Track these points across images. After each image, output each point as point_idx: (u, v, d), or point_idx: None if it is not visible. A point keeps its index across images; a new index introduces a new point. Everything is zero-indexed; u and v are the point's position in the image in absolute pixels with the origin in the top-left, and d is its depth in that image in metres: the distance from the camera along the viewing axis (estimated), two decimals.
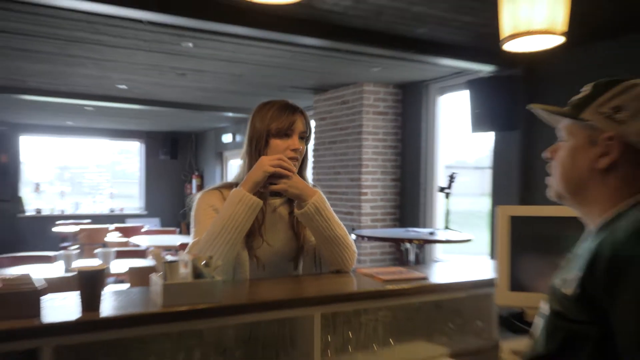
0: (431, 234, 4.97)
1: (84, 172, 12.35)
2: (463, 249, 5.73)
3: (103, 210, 11.91)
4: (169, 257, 1.65)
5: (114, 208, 11.99)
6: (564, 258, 1.22)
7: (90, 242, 8.47)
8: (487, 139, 5.73)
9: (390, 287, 1.84)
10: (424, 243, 5.13)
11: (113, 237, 8.47)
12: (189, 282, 1.53)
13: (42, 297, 1.37)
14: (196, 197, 2.02)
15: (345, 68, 5.87)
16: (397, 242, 5.19)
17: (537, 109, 1.28)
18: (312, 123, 7.85)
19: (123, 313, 1.43)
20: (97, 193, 12.10)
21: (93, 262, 5.05)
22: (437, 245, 6.18)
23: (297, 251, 2.04)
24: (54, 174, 11.97)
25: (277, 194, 1.97)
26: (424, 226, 6.33)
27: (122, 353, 1.48)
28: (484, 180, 6.32)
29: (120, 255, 5.53)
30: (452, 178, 4.99)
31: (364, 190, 6.60)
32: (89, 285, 1.40)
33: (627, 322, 0.93)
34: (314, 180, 4.83)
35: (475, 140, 6.29)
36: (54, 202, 11.35)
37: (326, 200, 1.96)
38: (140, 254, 6.02)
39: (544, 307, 1.17)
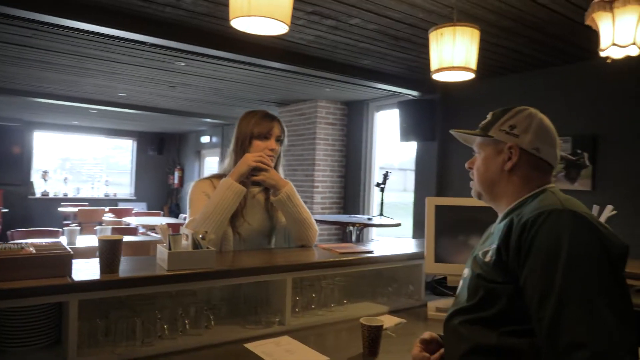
0: (369, 219, 5.05)
1: (83, 164, 11.91)
2: (392, 232, 5.86)
3: (99, 195, 11.51)
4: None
5: (109, 193, 11.61)
6: (475, 237, 1.29)
7: (88, 220, 8.19)
8: (412, 147, 5.85)
9: (345, 258, 1.88)
10: (365, 226, 5.20)
11: (108, 217, 8.23)
12: (190, 251, 1.54)
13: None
14: (191, 185, 2.02)
15: (304, 87, 5.88)
16: (343, 225, 5.25)
17: (457, 133, 1.33)
18: None
19: (138, 275, 1.43)
20: (95, 180, 11.68)
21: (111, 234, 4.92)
22: (373, 228, 6.28)
23: (270, 229, 2.06)
24: (57, 164, 11.49)
25: (257, 183, 1.99)
26: (363, 214, 6.41)
27: (132, 308, 1.47)
28: (406, 179, 6.48)
29: (115, 232, 5.39)
30: (386, 176, 5.08)
31: (316, 184, 6.63)
32: (110, 251, 1.39)
33: (532, 281, 0.98)
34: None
35: (401, 148, 6.39)
36: (59, 187, 10.92)
37: (295, 190, 2.00)
38: (131, 231, 5.88)
39: (466, 273, 1.22)
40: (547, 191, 1.13)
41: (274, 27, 1.66)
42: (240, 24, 1.65)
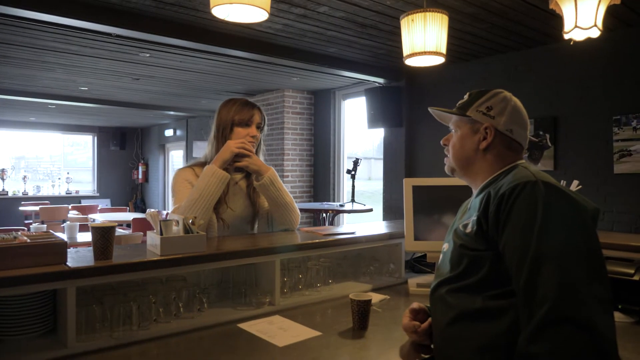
0: (341, 206, 5.13)
1: (39, 162, 11.54)
2: (362, 218, 5.96)
3: (61, 192, 11.19)
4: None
5: (71, 190, 11.30)
6: (451, 215, 1.37)
7: (51, 219, 7.98)
8: (377, 135, 5.95)
9: (330, 238, 1.95)
10: (338, 213, 5.28)
11: (73, 214, 8.03)
12: (182, 235, 1.57)
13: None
14: (173, 174, 2.04)
15: (271, 77, 5.89)
16: (317, 212, 5.32)
17: (434, 110, 1.40)
18: None
19: (132, 260, 1.45)
20: (55, 178, 11.33)
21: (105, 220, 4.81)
22: (344, 214, 6.37)
23: (253, 215, 2.10)
24: (12, 162, 11.07)
25: (239, 169, 2.03)
26: (334, 201, 6.50)
27: (125, 294, 1.50)
28: (370, 168, 6.59)
29: (84, 228, 5.30)
30: (356, 163, 5.17)
31: (286, 174, 6.67)
32: (103, 238, 1.40)
33: (510, 247, 1.07)
34: None
35: (366, 136, 6.52)
36: (17, 186, 10.55)
37: (277, 175, 2.05)
38: None
39: (446, 247, 1.30)
40: (520, 166, 1.23)
41: (254, 14, 1.69)
42: (221, 11, 1.68)
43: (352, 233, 2.07)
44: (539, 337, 0.96)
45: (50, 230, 1.49)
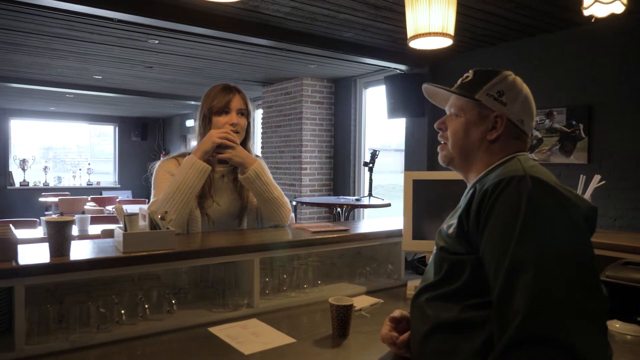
0: (357, 200, 5.04)
1: (67, 152, 11.84)
2: (384, 213, 5.84)
3: (82, 183, 11.46)
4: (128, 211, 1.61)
5: (92, 182, 11.55)
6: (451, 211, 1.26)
7: (69, 210, 8.17)
8: (401, 124, 5.81)
9: (317, 236, 1.86)
10: (353, 207, 5.19)
11: (90, 206, 8.20)
12: (146, 231, 1.51)
13: (18, 245, 1.33)
14: (155, 164, 1.98)
15: (287, 64, 5.81)
16: (330, 206, 5.24)
17: (430, 86, 1.27)
18: (259, 111, 7.77)
19: (88, 257, 1.39)
20: (77, 169, 11.61)
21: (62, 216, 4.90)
22: (364, 209, 6.27)
23: (240, 210, 2.02)
24: (40, 153, 11.42)
25: (224, 162, 1.95)
26: (353, 195, 6.40)
27: (89, 293, 1.44)
28: (402, 160, 6.43)
29: (98, 220, 5.37)
30: (374, 155, 5.05)
31: (304, 166, 6.61)
32: (58, 234, 1.35)
33: (489, 251, 0.97)
34: (263, 157, 4.81)
35: (392, 127, 6.38)
36: (39, 176, 10.87)
37: (266, 167, 1.96)
38: (115, 219, 5.85)
39: (434, 248, 1.20)
40: (514, 159, 1.10)
41: None
42: None
43: (345, 231, 1.98)
44: (509, 357, 0.85)
45: (11, 225, 1.45)
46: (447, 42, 2.18)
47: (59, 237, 1.35)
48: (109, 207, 7.80)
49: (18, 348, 1.25)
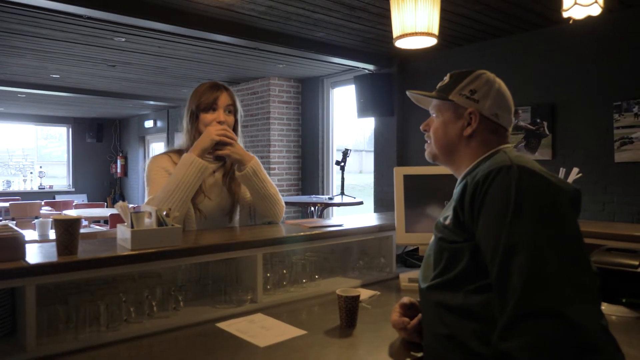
0: (330, 199, 5.09)
1: (11, 156, 11.33)
2: (352, 212, 5.92)
3: (33, 187, 11.01)
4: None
5: (44, 185, 11.12)
6: (442, 204, 1.34)
7: (22, 215, 7.87)
8: (368, 127, 5.91)
9: (316, 231, 1.90)
10: (326, 206, 5.24)
11: (46, 210, 7.92)
12: (154, 228, 1.51)
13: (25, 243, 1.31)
14: (147, 161, 1.97)
15: (256, 64, 5.81)
16: (305, 205, 5.27)
17: (413, 93, 1.37)
18: None
19: (99, 255, 1.38)
20: (26, 173, 11.14)
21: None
22: (334, 208, 6.32)
23: (232, 206, 2.03)
24: None
25: (218, 158, 1.96)
26: (323, 194, 6.45)
27: (92, 293, 1.43)
28: (362, 160, 6.55)
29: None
30: (346, 154, 5.12)
31: (272, 166, 6.62)
32: (67, 232, 1.34)
33: (484, 236, 1.04)
34: None
35: (357, 128, 6.48)
36: None
37: (261, 164, 1.99)
38: None
39: (432, 241, 1.26)
40: (500, 151, 1.19)
41: None
42: None
43: (340, 225, 2.03)
44: (510, 332, 0.93)
45: (10, 224, 1.42)
46: (431, 42, 2.27)
47: (67, 236, 1.33)
48: (67, 212, 7.57)
49: (30, 349, 1.23)
